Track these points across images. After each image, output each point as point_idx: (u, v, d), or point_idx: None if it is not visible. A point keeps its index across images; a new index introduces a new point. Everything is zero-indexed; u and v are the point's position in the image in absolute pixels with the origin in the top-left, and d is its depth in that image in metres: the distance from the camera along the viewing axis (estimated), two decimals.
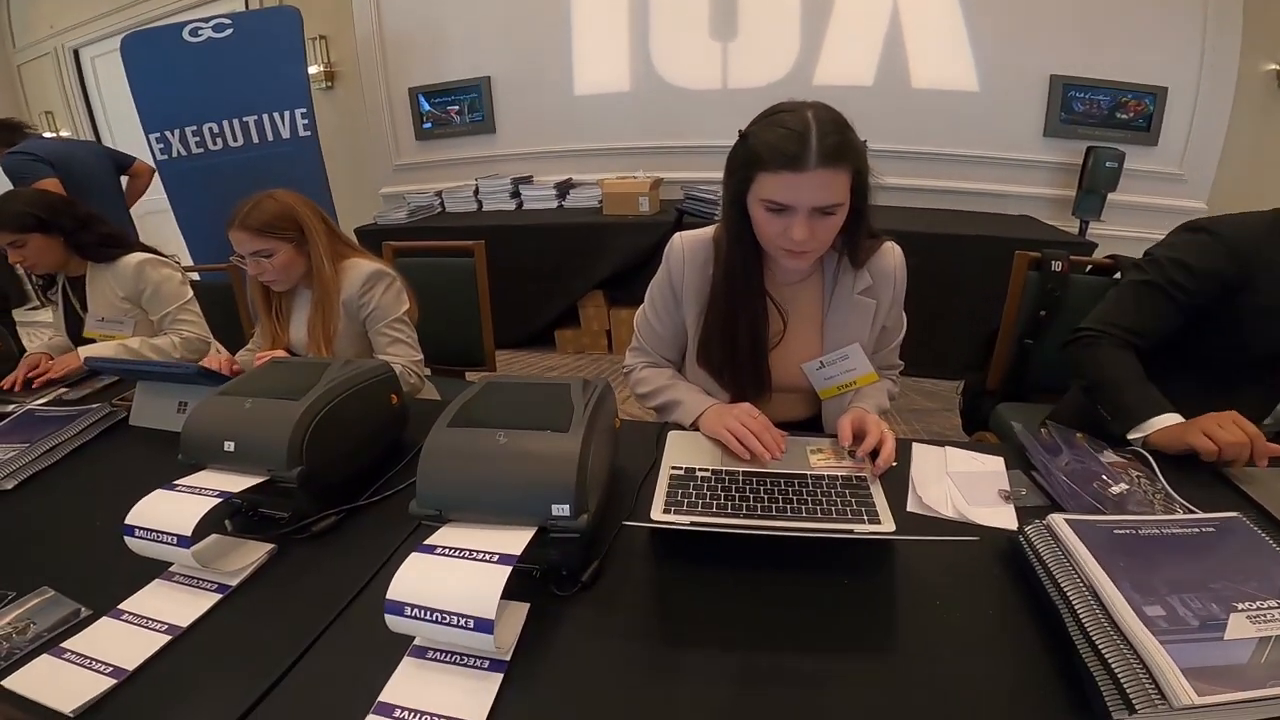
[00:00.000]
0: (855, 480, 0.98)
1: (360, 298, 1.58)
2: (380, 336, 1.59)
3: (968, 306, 2.87)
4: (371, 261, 1.64)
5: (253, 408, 0.97)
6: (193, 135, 3.73)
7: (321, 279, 1.56)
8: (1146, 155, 3.50)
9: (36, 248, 1.76)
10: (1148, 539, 0.78)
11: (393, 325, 1.60)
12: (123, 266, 1.85)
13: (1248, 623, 0.63)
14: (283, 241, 1.52)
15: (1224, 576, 0.70)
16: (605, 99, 4.12)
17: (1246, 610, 0.65)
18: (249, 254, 1.51)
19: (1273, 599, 0.66)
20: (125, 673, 0.71)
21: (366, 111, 4.54)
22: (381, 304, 1.59)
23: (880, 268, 1.19)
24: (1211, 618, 0.64)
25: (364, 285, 1.57)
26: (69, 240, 1.80)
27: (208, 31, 3.62)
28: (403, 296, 1.64)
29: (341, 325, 1.59)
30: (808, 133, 0.95)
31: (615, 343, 3.81)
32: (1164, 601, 0.66)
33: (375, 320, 1.59)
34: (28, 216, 1.72)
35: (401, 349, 1.59)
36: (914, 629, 0.75)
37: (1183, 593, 0.68)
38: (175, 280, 1.91)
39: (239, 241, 1.50)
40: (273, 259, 1.51)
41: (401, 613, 0.68)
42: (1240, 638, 0.62)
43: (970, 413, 1.97)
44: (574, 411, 0.85)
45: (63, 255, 1.83)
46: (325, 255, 1.56)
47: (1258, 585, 0.69)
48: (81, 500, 1.10)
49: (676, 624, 0.78)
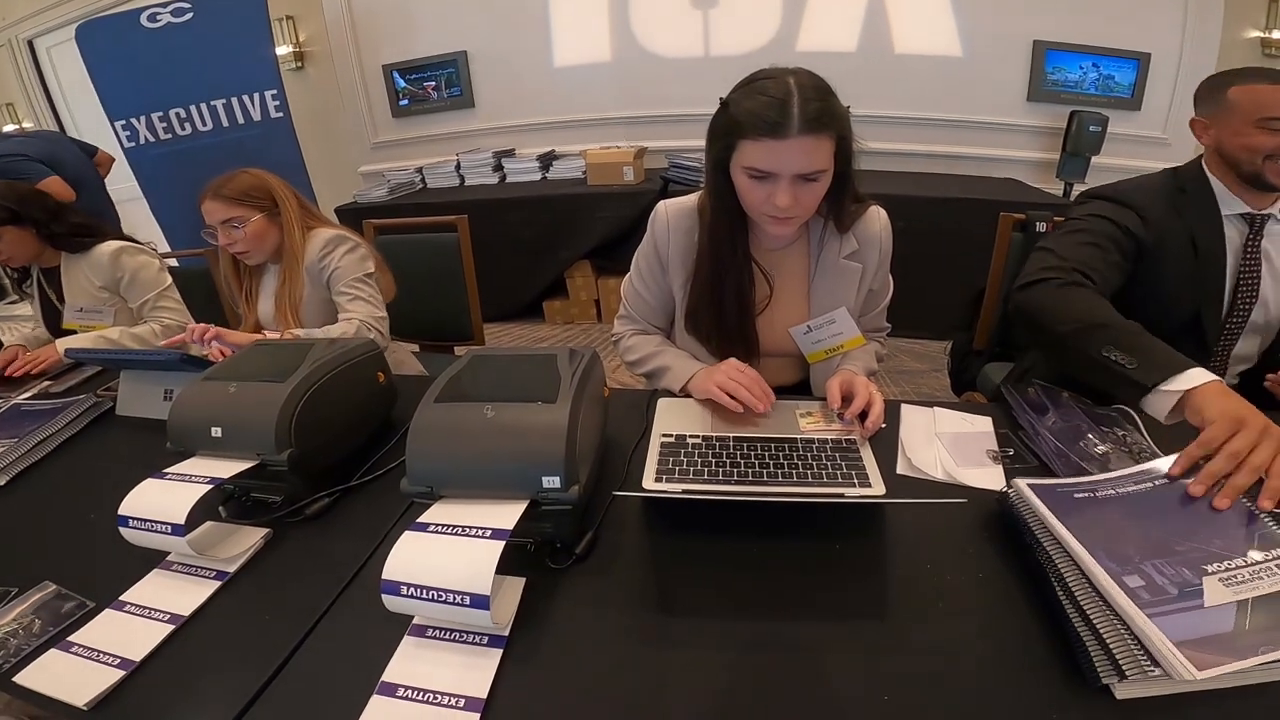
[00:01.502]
0: (845, 443, 0.99)
1: (320, 260, 1.58)
2: (340, 296, 1.58)
3: (954, 268, 2.86)
4: (335, 228, 1.64)
5: (238, 391, 0.96)
6: (159, 121, 3.65)
7: (291, 246, 1.58)
8: (1130, 119, 3.51)
9: (10, 241, 1.75)
10: (1107, 501, 0.78)
11: (351, 284, 1.58)
12: (98, 255, 1.82)
13: (1222, 587, 0.64)
14: (255, 210, 1.53)
15: (1189, 537, 0.70)
16: (586, 70, 4.05)
17: (1218, 573, 0.65)
18: (221, 223, 1.52)
19: (1238, 557, 0.67)
20: (133, 664, 0.71)
21: (340, 90, 4.44)
22: (342, 264, 1.58)
23: (866, 232, 1.19)
24: (1187, 584, 0.65)
25: (324, 248, 1.58)
26: (40, 231, 1.78)
27: (166, 16, 3.53)
28: (367, 261, 1.63)
29: (306, 292, 1.59)
30: (789, 99, 0.94)
31: (604, 312, 3.82)
32: (1140, 570, 0.67)
33: (336, 281, 1.58)
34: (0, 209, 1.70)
35: (360, 306, 1.56)
36: (906, 593, 0.76)
37: (1155, 559, 0.68)
38: (153, 267, 1.88)
39: (211, 212, 1.52)
40: (245, 228, 1.52)
41: (398, 592, 0.68)
42: (1220, 604, 0.63)
43: (958, 373, 1.98)
44: (561, 382, 0.85)
45: (36, 247, 1.81)
46: (295, 223, 1.58)
47: (1221, 544, 0.69)
48: (75, 493, 1.10)
49: (672, 592, 0.79)
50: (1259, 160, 1.13)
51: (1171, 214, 1.22)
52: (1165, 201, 1.23)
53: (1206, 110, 1.22)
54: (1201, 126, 1.23)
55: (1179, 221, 1.22)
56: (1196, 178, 1.24)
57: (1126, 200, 1.25)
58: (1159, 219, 1.22)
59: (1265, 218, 1.21)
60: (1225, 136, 1.17)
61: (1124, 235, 1.21)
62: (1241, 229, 1.22)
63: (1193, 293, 1.22)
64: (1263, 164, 1.13)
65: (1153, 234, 1.21)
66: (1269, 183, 1.14)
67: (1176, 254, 1.21)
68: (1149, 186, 1.26)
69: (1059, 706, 0.61)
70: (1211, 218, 1.22)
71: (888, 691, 0.63)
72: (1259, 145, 1.12)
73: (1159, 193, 1.25)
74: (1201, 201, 1.22)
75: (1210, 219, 1.22)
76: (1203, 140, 1.23)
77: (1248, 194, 1.20)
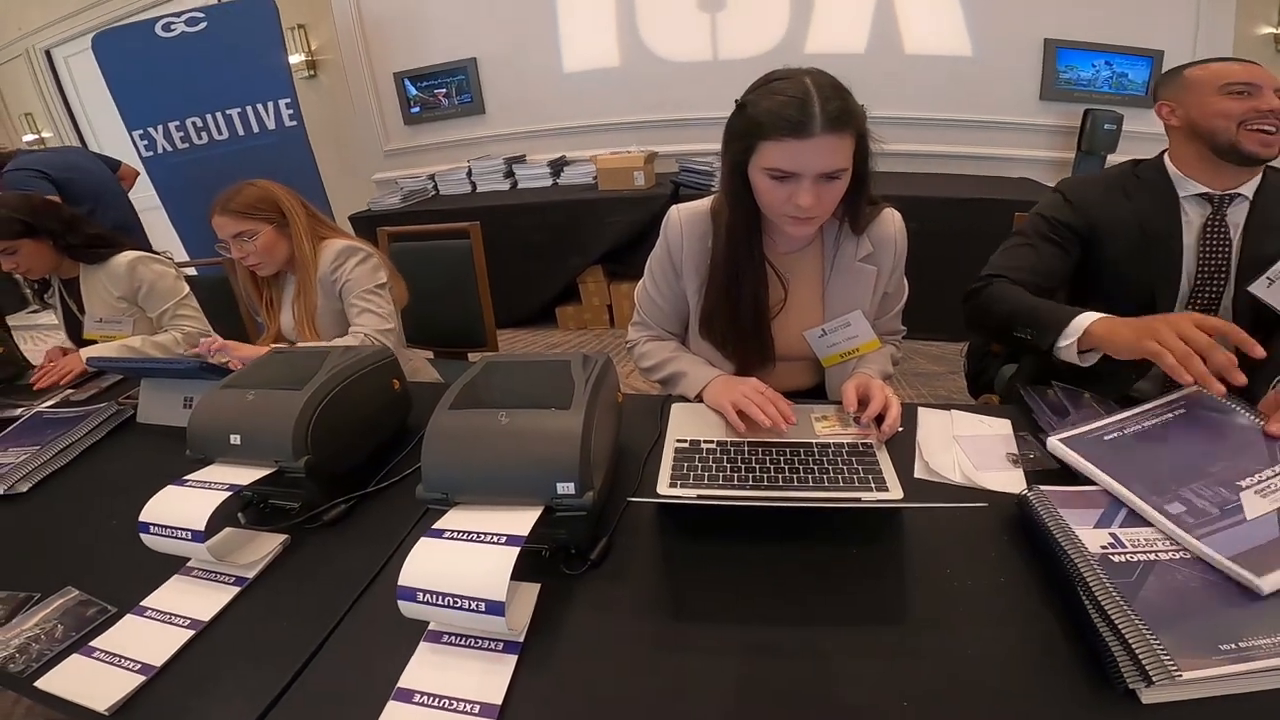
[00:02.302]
0: (861, 447, 0.98)
1: (333, 273, 1.58)
2: (350, 307, 1.59)
3: (970, 269, 2.83)
4: (347, 239, 1.65)
5: (256, 399, 0.97)
6: (176, 130, 3.70)
7: (302, 258, 1.58)
8: (1145, 117, 3.44)
9: (28, 254, 1.77)
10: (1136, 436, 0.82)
11: (362, 295, 1.58)
12: (115, 266, 1.85)
13: (1260, 499, 0.66)
14: (263, 223, 1.55)
15: (1218, 458, 0.75)
16: (595, 75, 4.07)
17: (1253, 486, 0.69)
18: (231, 237, 1.54)
19: (1267, 469, 0.71)
20: (154, 669, 0.72)
21: (352, 98, 4.49)
22: (353, 276, 1.58)
23: (880, 234, 1.18)
24: (1226, 502, 0.68)
25: (335, 260, 1.58)
26: (57, 243, 1.81)
27: (181, 26, 3.58)
28: (379, 271, 1.63)
29: (320, 303, 1.60)
30: (809, 99, 0.94)
31: (617, 317, 3.82)
32: (1180, 497, 0.71)
33: (348, 292, 1.59)
34: (15, 223, 1.72)
35: (369, 319, 1.57)
36: (925, 599, 0.75)
37: (1191, 483, 0.72)
38: (170, 276, 1.90)
39: (221, 226, 1.53)
40: (255, 240, 1.54)
41: (414, 599, 0.68)
42: (1261, 514, 0.66)
43: (975, 375, 1.96)
44: (575, 388, 0.85)
45: (54, 258, 1.83)
46: (305, 234, 1.59)
47: (1250, 459, 0.73)
48: (96, 499, 1.11)
49: (687, 598, 0.78)
50: (1233, 127, 1.12)
51: (1117, 199, 1.25)
52: (1110, 189, 1.27)
53: (1169, 94, 1.23)
54: (1169, 110, 1.22)
55: (1126, 204, 1.24)
56: (1153, 165, 1.26)
57: (1063, 190, 1.33)
58: (1095, 205, 1.26)
59: (1229, 198, 1.19)
60: (1194, 111, 1.17)
61: (1056, 226, 1.29)
62: (1203, 209, 1.21)
63: (1142, 274, 1.22)
64: (1237, 131, 1.12)
65: (1087, 219, 1.26)
66: (1246, 151, 1.12)
67: (1121, 236, 1.23)
68: (1096, 177, 1.32)
69: (1085, 712, 0.60)
70: (1165, 200, 1.22)
71: (907, 698, 0.62)
72: (1229, 110, 1.12)
73: (1106, 181, 1.29)
74: (1154, 185, 1.24)
75: (1163, 201, 1.22)
76: (1171, 122, 1.22)
77: (1214, 174, 1.19)
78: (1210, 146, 1.16)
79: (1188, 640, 0.61)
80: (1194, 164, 1.20)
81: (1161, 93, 1.24)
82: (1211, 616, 0.64)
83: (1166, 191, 1.22)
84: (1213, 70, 1.17)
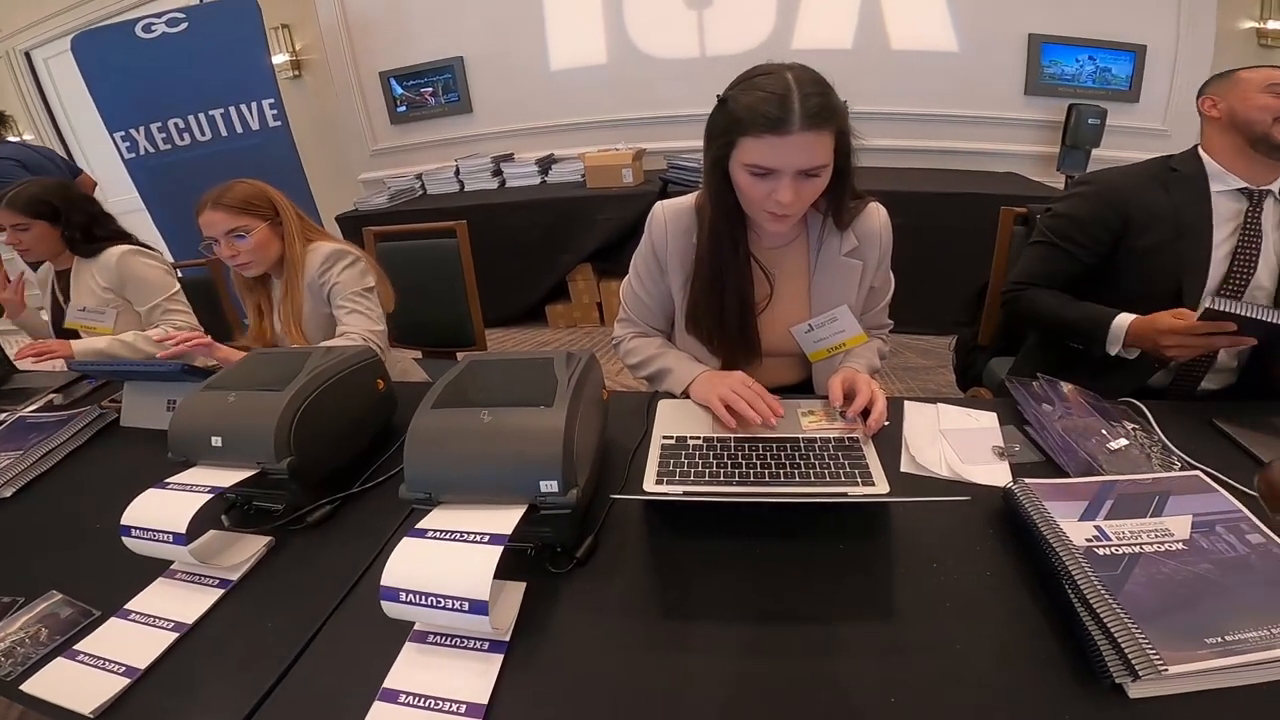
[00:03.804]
0: (848, 442, 0.98)
1: (320, 276, 1.57)
2: (339, 309, 1.57)
3: (957, 263, 2.84)
4: (335, 243, 1.64)
5: (237, 401, 0.96)
6: (158, 132, 3.66)
7: (292, 257, 1.57)
8: (1129, 111, 3.51)
9: (37, 235, 1.79)
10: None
11: (350, 297, 1.57)
12: (105, 258, 1.85)
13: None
14: (257, 219, 1.52)
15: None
16: (582, 73, 4.05)
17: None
18: (224, 234, 1.50)
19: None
20: (138, 671, 0.72)
21: (338, 98, 4.45)
22: (341, 279, 1.57)
23: (865, 229, 1.18)
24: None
25: (324, 264, 1.57)
26: (65, 234, 1.83)
27: (161, 27, 3.53)
28: (367, 275, 1.62)
29: (307, 307, 1.58)
30: (790, 95, 0.94)
31: (606, 315, 3.82)
32: None
33: (336, 295, 1.57)
34: (43, 204, 1.77)
35: (357, 319, 1.56)
36: (912, 593, 0.75)
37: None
38: (159, 271, 1.90)
39: (212, 223, 1.49)
40: (248, 238, 1.51)
41: (397, 599, 0.68)
42: None
43: (963, 368, 1.97)
44: (558, 385, 0.85)
45: (57, 247, 1.85)
46: (297, 234, 1.58)
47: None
48: (80, 503, 1.10)
49: (674, 596, 0.78)
50: (1269, 120, 1.19)
51: (1155, 192, 1.29)
52: (1150, 180, 1.31)
53: (1216, 89, 1.28)
54: (1211, 103, 1.28)
55: (1165, 197, 1.28)
56: (1189, 158, 1.30)
57: (1094, 186, 1.36)
58: (1131, 197, 1.30)
59: (1264, 193, 1.23)
60: (1236, 104, 1.23)
61: (1084, 225, 1.34)
62: (1240, 203, 1.25)
63: (1172, 265, 1.25)
64: (1272, 124, 1.18)
65: (1121, 211, 1.30)
66: (1277, 141, 1.19)
67: (1156, 227, 1.27)
68: (1133, 170, 1.35)
69: (1072, 707, 0.60)
70: (1199, 193, 1.26)
71: (894, 693, 0.63)
72: (1268, 105, 1.19)
73: (1143, 174, 1.32)
74: (1190, 179, 1.28)
75: (1197, 194, 1.26)
76: (1211, 114, 1.27)
77: (1249, 167, 1.23)
78: (1246, 138, 1.22)
79: (1173, 634, 0.61)
80: (1230, 155, 1.25)
81: (1208, 89, 1.30)
82: (1197, 610, 0.64)
83: (1201, 185, 1.26)
84: (1263, 72, 1.24)
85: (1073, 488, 0.83)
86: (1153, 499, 0.80)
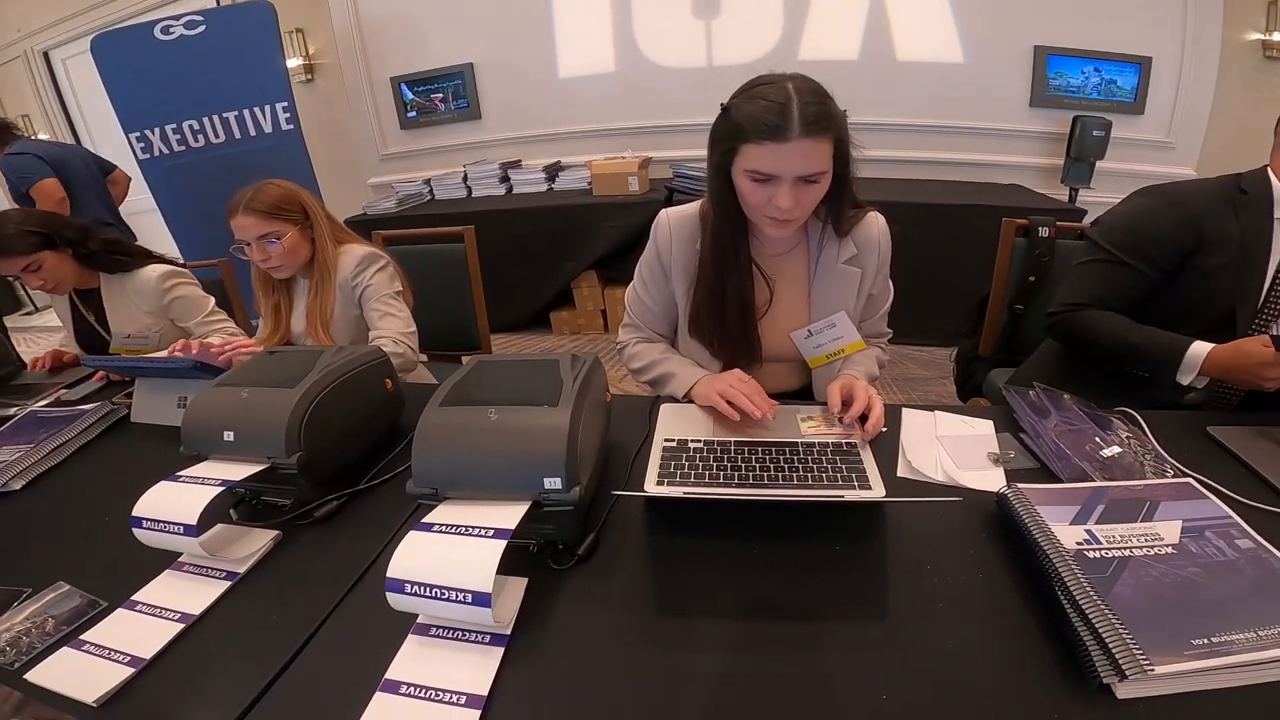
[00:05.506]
0: (846, 446, 0.99)
1: (354, 279, 1.59)
2: (373, 312, 1.60)
3: (960, 275, 2.87)
4: (366, 246, 1.65)
5: (250, 397, 0.98)
6: (173, 133, 3.70)
7: (324, 260, 1.58)
8: (1134, 124, 3.51)
9: (51, 267, 1.68)
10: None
11: (384, 300, 1.60)
12: (143, 280, 1.77)
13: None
14: (289, 224, 1.53)
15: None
16: (590, 81, 4.10)
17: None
18: (256, 239, 1.50)
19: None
20: (143, 661, 0.73)
21: (349, 102, 4.50)
22: (374, 282, 1.60)
23: (864, 237, 1.20)
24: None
25: (358, 266, 1.59)
26: (77, 252, 1.72)
27: (179, 29, 3.58)
28: (395, 279, 1.65)
29: (338, 309, 1.60)
30: (789, 103, 0.96)
31: (610, 322, 3.83)
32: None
33: (369, 298, 1.60)
34: (31, 236, 1.62)
35: (392, 322, 1.58)
36: (906, 594, 0.76)
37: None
38: (197, 287, 1.87)
39: (245, 227, 1.49)
40: (280, 242, 1.51)
41: (402, 590, 0.69)
42: None
43: (964, 379, 1.98)
44: (563, 386, 0.87)
45: (77, 270, 1.74)
46: (328, 236, 1.59)
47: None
48: (89, 497, 1.12)
49: (673, 594, 0.80)
50: None
51: (1227, 215, 1.23)
52: (1222, 200, 1.24)
53: None
54: None
55: (1234, 221, 1.22)
56: (1259, 180, 1.24)
57: (1170, 198, 1.28)
58: (1207, 217, 1.23)
59: None
60: None
61: (1161, 241, 1.26)
62: None
63: (1233, 288, 1.21)
64: None
65: (1195, 229, 1.23)
66: None
67: (1224, 249, 1.21)
68: (1205, 187, 1.27)
69: (1060, 707, 0.61)
70: (1265, 216, 1.21)
71: (887, 692, 0.64)
72: None
73: (1214, 192, 1.25)
74: (1258, 203, 1.22)
75: (1261, 219, 1.21)
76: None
77: None
78: None
79: (1160, 635, 0.62)
80: None
81: None
82: (1184, 613, 0.65)
83: (1267, 207, 1.22)
84: None
85: (1065, 493, 0.84)
86: (1143, 504, 0.81)
